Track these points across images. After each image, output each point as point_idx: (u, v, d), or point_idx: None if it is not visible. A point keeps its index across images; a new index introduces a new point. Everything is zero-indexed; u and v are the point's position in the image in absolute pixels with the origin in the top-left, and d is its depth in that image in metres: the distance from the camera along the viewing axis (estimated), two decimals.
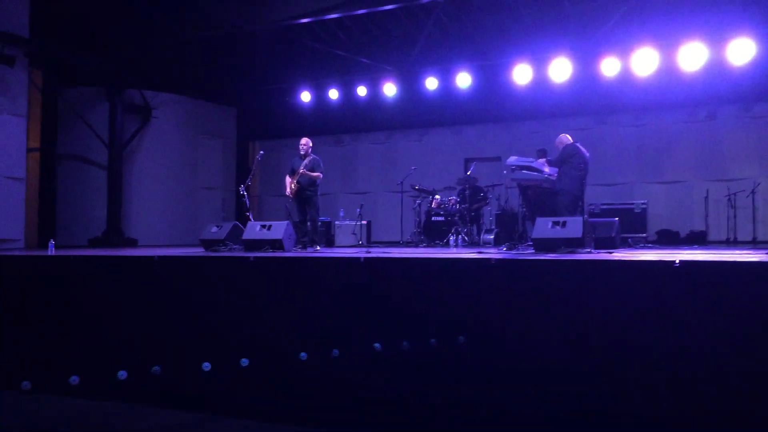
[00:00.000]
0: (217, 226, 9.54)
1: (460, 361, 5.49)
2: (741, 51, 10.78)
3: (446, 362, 5.53)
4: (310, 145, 9.90)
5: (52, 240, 9.35)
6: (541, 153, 10.28)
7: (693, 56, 11.13)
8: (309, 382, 5.96)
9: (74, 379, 6.36)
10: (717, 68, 11.27)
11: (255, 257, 6.77)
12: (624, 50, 11.60)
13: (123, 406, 6.27)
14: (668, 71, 11.59)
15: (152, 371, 6.27)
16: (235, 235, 9.30)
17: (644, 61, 11.48)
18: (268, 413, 5.98)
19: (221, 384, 6.20)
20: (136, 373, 6.39)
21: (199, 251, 8.90)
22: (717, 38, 10.95)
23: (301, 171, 9.61)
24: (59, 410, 6.25)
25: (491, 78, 13.20)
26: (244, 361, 6.13)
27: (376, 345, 5.74)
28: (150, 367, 6.33)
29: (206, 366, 6.17)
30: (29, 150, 13.00)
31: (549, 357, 5.13)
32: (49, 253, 8.37)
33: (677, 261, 4.77)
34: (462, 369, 5.48)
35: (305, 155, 9.75)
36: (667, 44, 11.30)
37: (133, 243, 13.95)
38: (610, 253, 7.18)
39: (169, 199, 14.90)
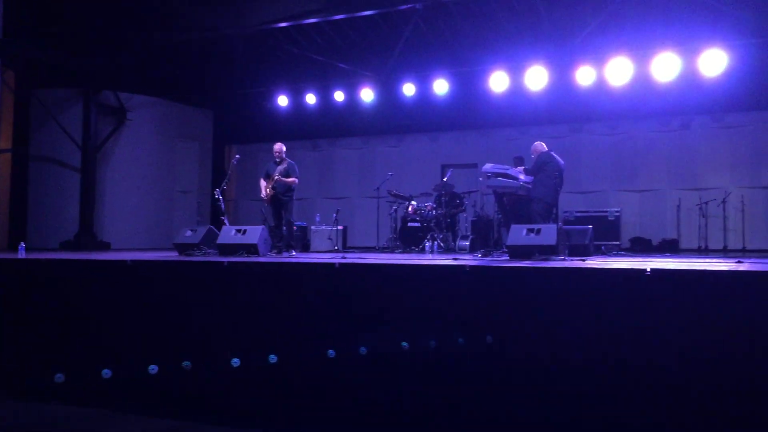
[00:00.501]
0: (192, 230, 9.48)
1: (434, 365, 5.50)
2: (713, 62, 10.94)
3: (421, 367, 5.54)
4: (284, 150, 9.90)
5: (22, 243, 9.21)
6: (519, 160, 10.34)
7: (666, 66, 11.27)
8: (285, 386, 5.94)
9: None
10: (690, 79, 11.43)
11: (229, 262, 6.72)
12: (599, 59, 11.73)
13: (100, 412, 6.19)
14: (642, 81, 11.73)
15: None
16: (209, 239, 9.25)
17: (619, 71, 11.60)
18: (245, 418, 5.94)
19: (199, 389, 6.15)
20: (111, 378, 6.32)
21: (172, 255, 8.83)
22: (690, 49, 11.12)
23: (276, 177, 9.59)
24: (31, 415, 6.15)
25: (468, 85, 13.26)
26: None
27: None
28: (122, 372, 6.27)
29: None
30: (0, 151, 12.79)
31: (522, 362, 5.16)
32: (19, 256, 8.24)
33: (648, 269, 4.82)
34: (436, 373, 5.49)
35: (280, 161, 9.76)
36: (641, 54, 11.44)
37: (105, 246, 13.78)
38: (584, 260, 7.25)
39: (144, 202, 14.74)
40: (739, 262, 6.63)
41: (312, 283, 6.33)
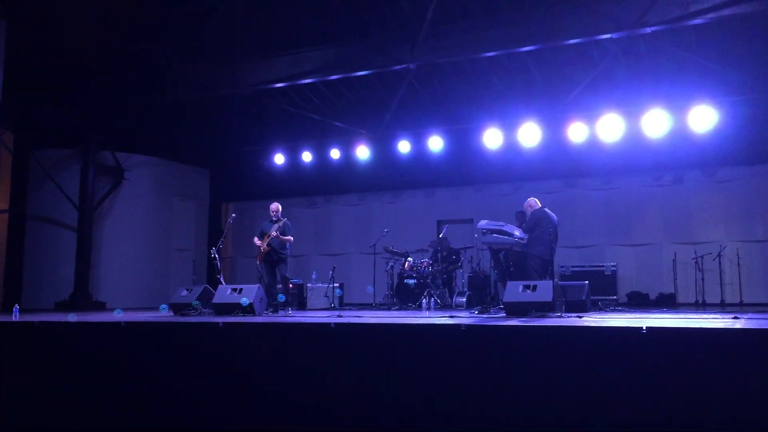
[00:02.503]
0: (187, 290, 9.45)
1: (433, 426, 5.43)
2: (703, 118, 11.08)
3: (419, 427, 5.47)
4: (281, 209, 10.02)
5: (16, 305, 9.16)
6: (521, 215, 10.28)
7: (657, 123, 11.40)
8: None
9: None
10: (681, 134, 11.56)
11: (224, 323, 6.68)
12: (591, 116, 11.89)
13: None
14: (634, 137, 11.85)
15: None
16: (205, 298, 9.22)
17: (610, 127, 11.72)
18: None
19: None
20: None
21: (168, 315, 8.78)
22: (679, 106, 11.28)
23: (274, 234, 9.64)
24: None
25: (463, 141, 13.40)
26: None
27: None
28: None
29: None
30: None
31: (520, 422, 5.10)
32: (14, 319, 8.19)
33: (644, 328, 4.81)
34: None
35: (276, 220, 9.84)
36: (632, 111, 11.62)
37: (100, 306, 13.70)
38: (580, 317, 7.22)
39: (140, 261, 14.72)
40: (735, 318, 6.61)
41: (308, 343, 6.29)
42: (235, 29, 12.00)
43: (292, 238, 9.91)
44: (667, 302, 12.03)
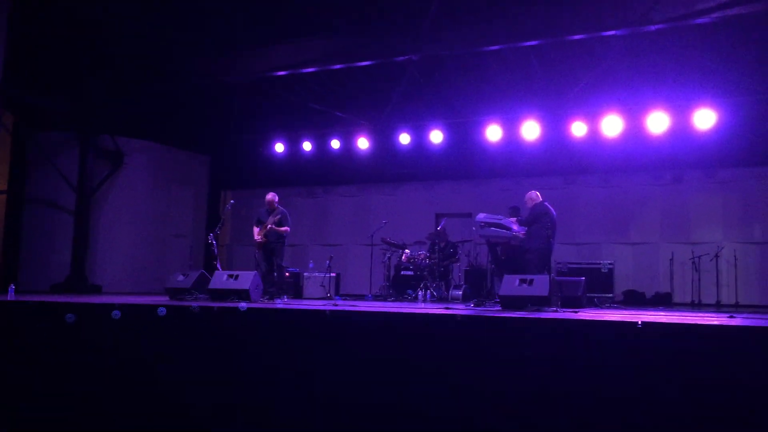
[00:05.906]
0: (184, 275, 9.46)
1: (425, 417, 5.42)
2: (704, 118, 11.10)
3: (411, 417, 5.47)
4: (276, 200, 10.00)
5: (12, 284, 9.14)
6: (514, 211, 10.34)
7: (658, 121, 11.41)
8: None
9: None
10: (682, 133, 11.56)
11: (219, 307, 6.67)
12: (592, 113, 11.88)
13: None
14: (635, 135, 11.86)
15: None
16: (201, 284, 9.23)
17: (612, 125, 11.73)
18: None
19: None
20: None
21: (163, 300, 8.77)
22: (681, 105, 11.29)
23: (270, 226, 9.64)
24: None
25: (463, 135, 13.39)
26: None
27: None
28: (106, 422, 6.16)
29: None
30: None
31: (513, 414, 5.10)
32: (9, 298, 8.18)
33: (640, 322, 4.81)
34: (426, 425, 5.41)
35: (272, 210, 9.83)
36: (634, 109, 11.61)
37: (96, 290, 13.67)
38: (576, 312, 7.22)
39: (137, 246, 14.69)
40: (731, 316, 6.61)
41: (303, 329, 6.28)
42: (237, 16, 11.94)
43: (288, 229, 9.91)
44: (663, 301, 12.04)
